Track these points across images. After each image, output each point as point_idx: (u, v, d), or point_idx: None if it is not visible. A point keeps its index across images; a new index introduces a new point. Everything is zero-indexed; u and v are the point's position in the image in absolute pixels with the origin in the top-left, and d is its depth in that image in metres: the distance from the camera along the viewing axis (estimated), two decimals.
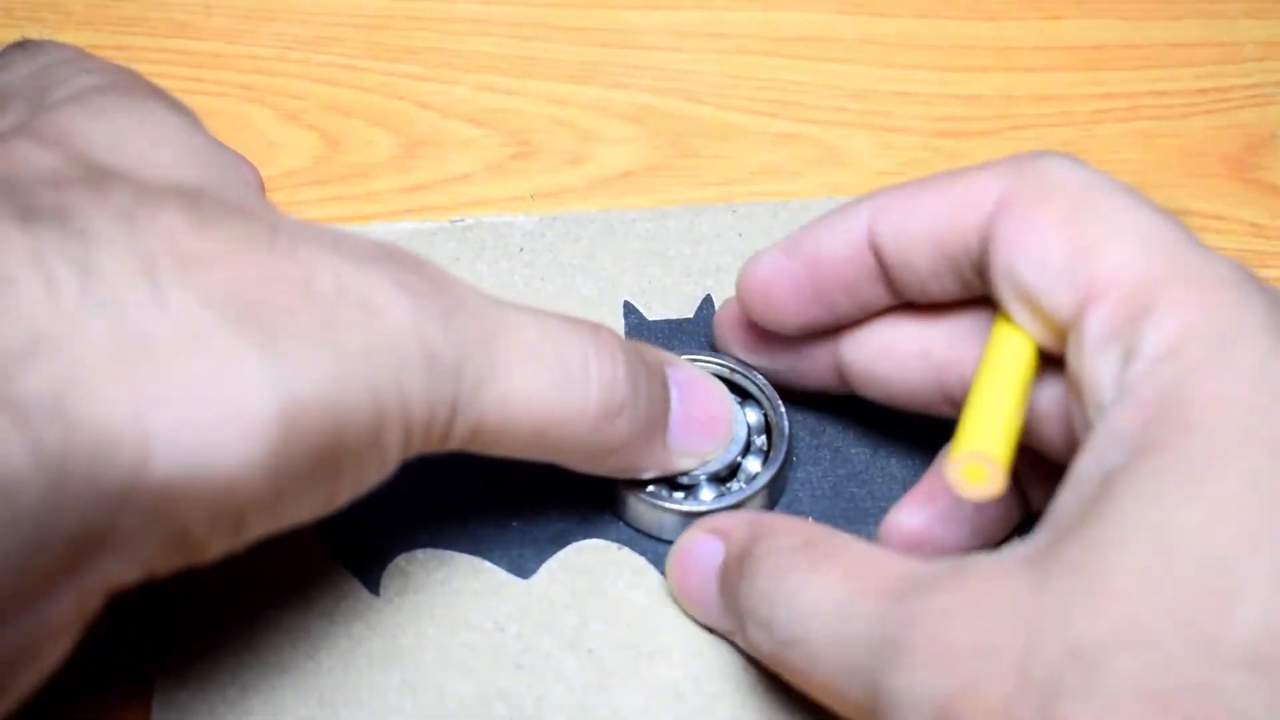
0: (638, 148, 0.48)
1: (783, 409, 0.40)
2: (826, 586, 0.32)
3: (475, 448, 0.33)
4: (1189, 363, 0.30)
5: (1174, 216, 0.32)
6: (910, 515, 0.36)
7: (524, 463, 0.40)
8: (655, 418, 0.36)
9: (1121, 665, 0.27)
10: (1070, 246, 0.32)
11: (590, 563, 0.39)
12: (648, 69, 0.49)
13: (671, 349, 0.41)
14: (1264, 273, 0.45)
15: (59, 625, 0.28)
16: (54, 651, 0.29)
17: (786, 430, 0.39)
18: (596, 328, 0.35)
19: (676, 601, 0.38)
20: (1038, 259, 0.32)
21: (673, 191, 0.47)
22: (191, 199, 0.29)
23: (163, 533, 0.28)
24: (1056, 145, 0.48)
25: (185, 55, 0.49)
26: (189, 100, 0.48)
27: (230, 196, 0.32)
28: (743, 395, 0.40)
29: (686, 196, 0.46)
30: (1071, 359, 0.32)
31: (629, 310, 0.43)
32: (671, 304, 0.43)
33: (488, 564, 0.38)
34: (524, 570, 0.38)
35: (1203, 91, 0.49)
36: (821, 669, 0.32)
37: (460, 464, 0.40)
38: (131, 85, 0.34)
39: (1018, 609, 0.29)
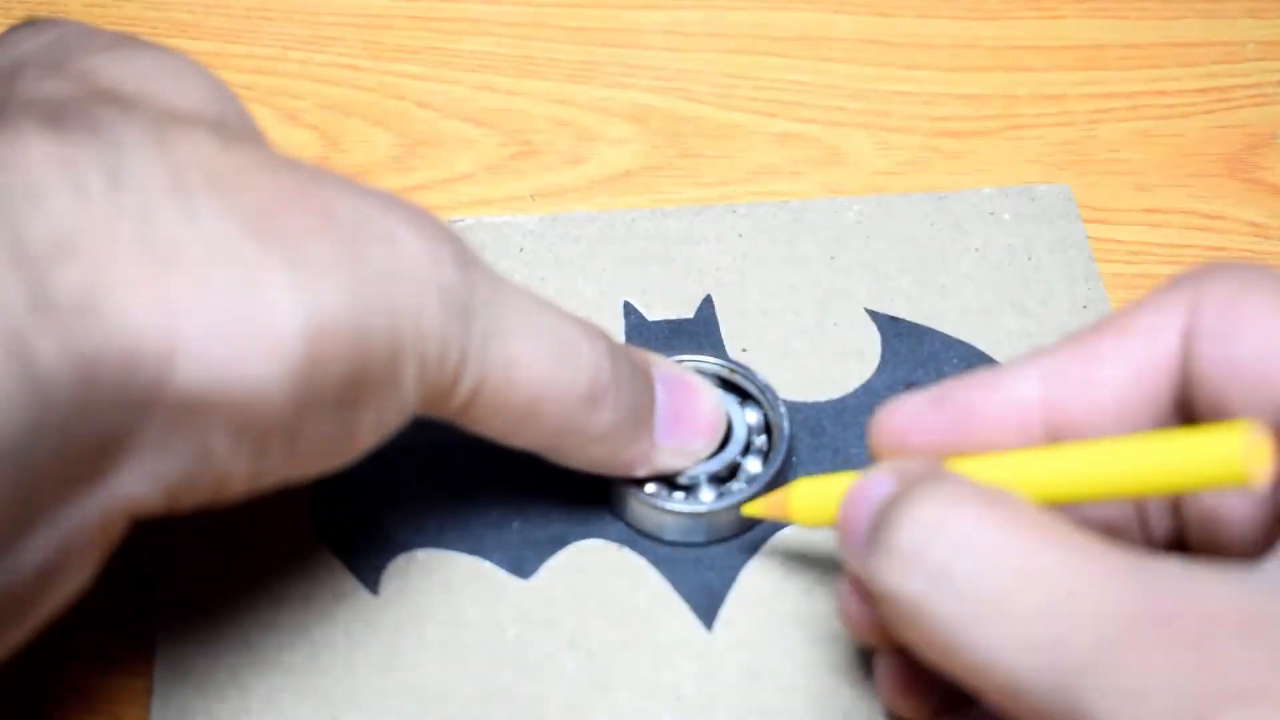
0: (638, 148, 0.48)
1: (783, 409, 0.40)
2: (1021, 544, 0.28)
3: (471, 416, 0.33)
4: None
5: None
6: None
7: (524, 463, 0.40)
8: (640, 410, 0.36)
9: None
10: None
11: (590, 563, 0.39)
12: (648, 69, 0.49)
13: (671, 349, 0.41)
14: None
15: (82, 541, 0.28)
16: (78, 573, 0.29)
17: (786, 430, 0.39)
18: (583, 319, 0.35)
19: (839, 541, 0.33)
20: (1262, 335, 0.29)
21: (673, 191, 0.47)
22: (217, 124, 0.30)
23: (186, 447, 0.28)
24: (1056, 145, 0.48)
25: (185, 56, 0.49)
26: None
27: (251, 129, 0.32)
28: (742, 395, 0.40)
29: (686, 196, 0.46)
30: None
31: (629, 310, 0.43)
32: (671, 304, 0.43)
33: (488, 564, 0.38)
34: (524, 570, 0.38)
35: (1203, 91, 0.49)
36: (995, 637, 0.27)
37: (460, 463, 0.40)
38: (146, 42, 0.34)
39: None
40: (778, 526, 0.39)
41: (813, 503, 0.35)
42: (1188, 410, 0.30)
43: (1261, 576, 0.27)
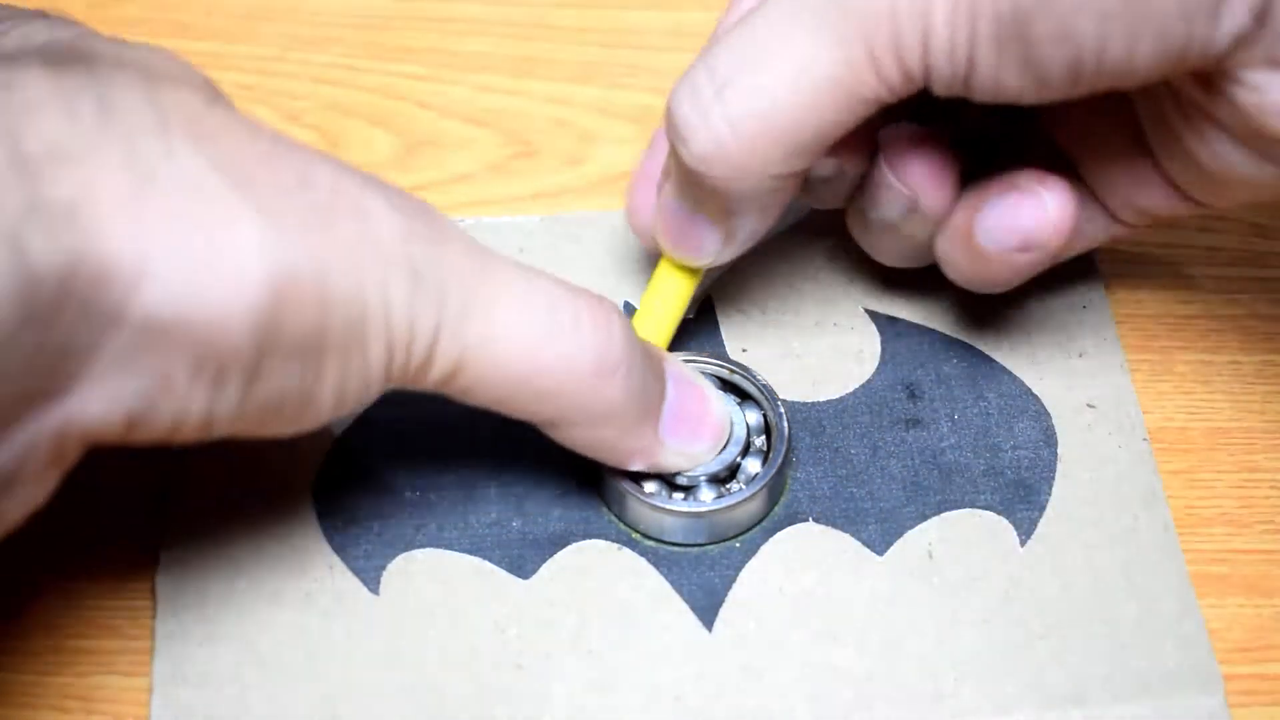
0: (638, 148, 0.48)
1: (782, 409, 0.40)
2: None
3: (461, 389, 0.34)
4: None
5: None
6: None
7: (525, 465, 0.40)
8: (648, 399, 0.36)
9: None
10: None
11: (590, 563, 0.39)
12: (648, 69, 0.49)
13: (672, 349, 0.41)
14: (1265, 273, 0.45)
15: (37, 462, 0.29)
16: (29, 494, 0.30)
17: (786, 431, 0.39)
18: (595, 295, 0.35)
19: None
20: None
21: None
22: (204, 89, 0.31)
23: (146, 372, 0.29)
24: None
25: (186, 55, 0.49)
26: None
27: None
28: (742, 396, 0.40)
29: None
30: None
31: (629, 310, 0.43)
32: None
33: (488, 564, 0.38)
34: (524, 570, 0.38)
35: None
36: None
37: (461, 464, 0.40)
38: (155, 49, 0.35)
39: None
40: (778, 526, 0.39)
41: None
42: None
43: None
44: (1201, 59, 0.32)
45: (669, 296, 0.40)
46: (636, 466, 0.38)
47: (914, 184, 0.38)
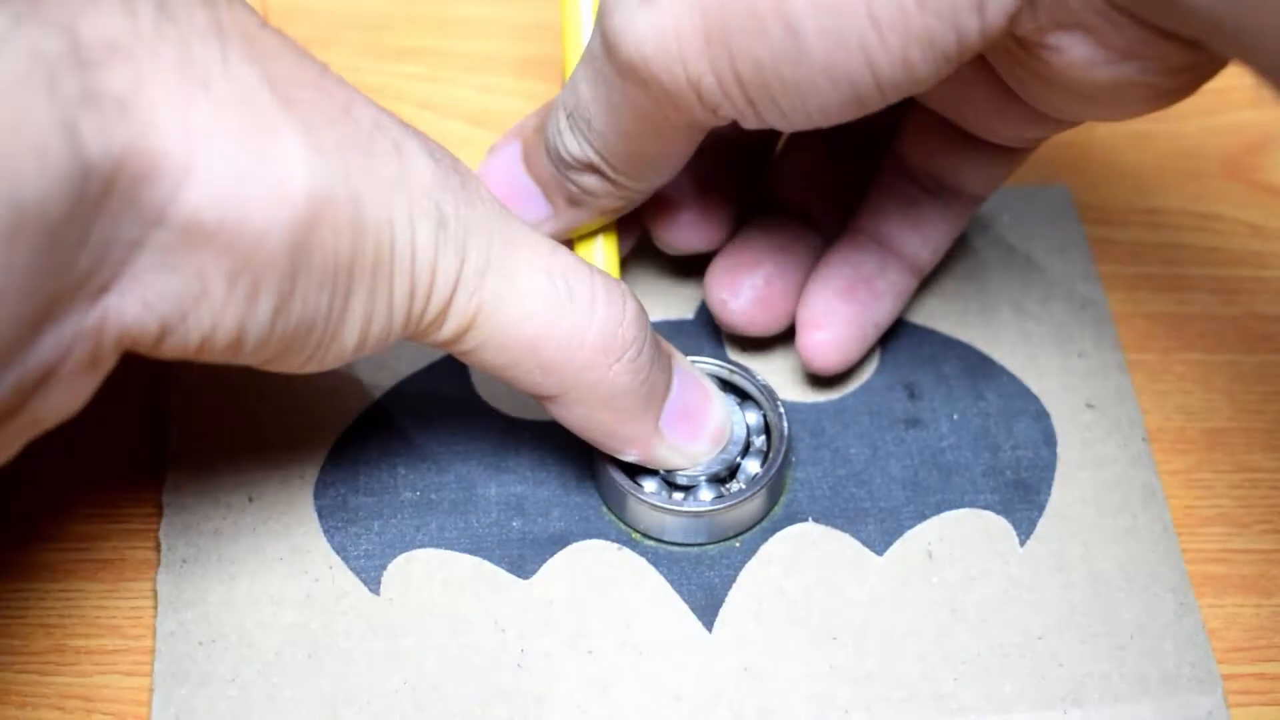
0: None
1: (782, 410, 0.40)
2: None
3: (469, 349, 0.34)
4: None
5: None
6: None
7: (524, 463, 0.40)
8: (654, 387, 0.36)
9: None
10: None
11: (590, 563, 0.39)
12: None
13: None
14: (1264, 274, 0.45)
15: (74, 362, 0.29)
16: (64, 396, 0.30)
17: (785, 431, 0.39)
18: (612, 277, 0.36)
19: None
20: None
21: None
22: (257, 14, 0.32)
23: (183, 275, 0.29)
24: (1055, 146, 0.48)
25: None
26: None
27: None
28: (742, 396, 0.40)
29: None
30: None
31: None
32: (672, 304, 0.43)
33: (488, 564, 0.38)
34: (524, 570, 0.38)
35: (1201, 92, 0.49)
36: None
37: (460, 463, 0.40)
38: None
39: None
40: (778, 526, 0.39)
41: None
42: None
43: None
44: (983, 42, 0.32)
45: (595, 256, 0.40)
46: (631, 457, 0.38)
47: (674, 242, 0.41)
